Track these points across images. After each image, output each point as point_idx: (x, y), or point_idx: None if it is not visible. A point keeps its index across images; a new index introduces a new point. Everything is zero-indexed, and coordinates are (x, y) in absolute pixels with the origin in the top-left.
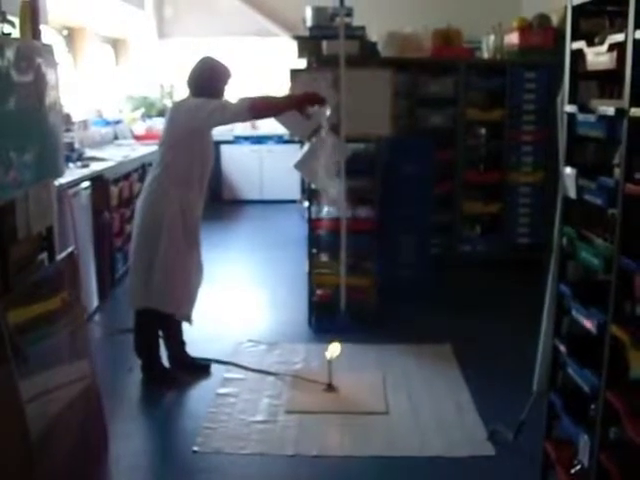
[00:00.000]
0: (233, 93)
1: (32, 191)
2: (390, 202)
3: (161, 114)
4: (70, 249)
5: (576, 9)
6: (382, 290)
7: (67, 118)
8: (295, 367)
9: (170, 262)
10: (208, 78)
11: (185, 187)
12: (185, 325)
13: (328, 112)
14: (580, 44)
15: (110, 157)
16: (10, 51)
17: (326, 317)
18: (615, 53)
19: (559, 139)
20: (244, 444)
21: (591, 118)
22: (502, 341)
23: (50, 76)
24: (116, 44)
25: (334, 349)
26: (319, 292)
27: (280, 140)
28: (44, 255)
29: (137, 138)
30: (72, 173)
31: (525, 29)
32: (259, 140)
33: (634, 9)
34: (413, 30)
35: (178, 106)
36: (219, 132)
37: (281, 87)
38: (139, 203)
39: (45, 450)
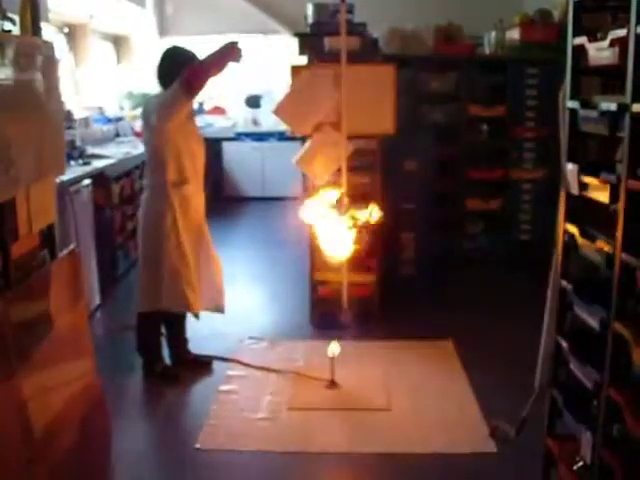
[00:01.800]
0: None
1: (33, 189)
2: (392, 199)
3: None
4: (72, 247)
5: (578, 4)
6: (384, 287)
7: (68, 115)
8: (297, 364)
9: (176, 261)
10: (170, 67)
11: (180, 182)
12: (187, 322)
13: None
14: (582, 39)
15: (111, 154)
16: (10, 48)
17: (328, 314)
18: (617, 48)
19: (561, 135)
20: (246, 441)
21: (593, 114)
22: (504, 337)
23: (51, 73)
24: (117, 41)
25: (336, 346)
26: (321, 289)
27: (282, 137)
28: (45, 253)
29: (138, 135)
30: (73, 170)
31: (527, 25)
32: (261, 137)
33: (636, 4)
34: (414, 26)
35: (149, 102)
36: (221, 129)
37: (284, 84)
38: (140, 205)
39: (47, 447)
